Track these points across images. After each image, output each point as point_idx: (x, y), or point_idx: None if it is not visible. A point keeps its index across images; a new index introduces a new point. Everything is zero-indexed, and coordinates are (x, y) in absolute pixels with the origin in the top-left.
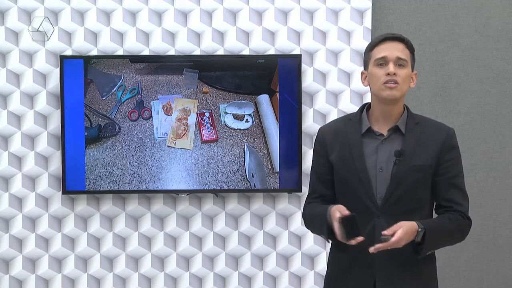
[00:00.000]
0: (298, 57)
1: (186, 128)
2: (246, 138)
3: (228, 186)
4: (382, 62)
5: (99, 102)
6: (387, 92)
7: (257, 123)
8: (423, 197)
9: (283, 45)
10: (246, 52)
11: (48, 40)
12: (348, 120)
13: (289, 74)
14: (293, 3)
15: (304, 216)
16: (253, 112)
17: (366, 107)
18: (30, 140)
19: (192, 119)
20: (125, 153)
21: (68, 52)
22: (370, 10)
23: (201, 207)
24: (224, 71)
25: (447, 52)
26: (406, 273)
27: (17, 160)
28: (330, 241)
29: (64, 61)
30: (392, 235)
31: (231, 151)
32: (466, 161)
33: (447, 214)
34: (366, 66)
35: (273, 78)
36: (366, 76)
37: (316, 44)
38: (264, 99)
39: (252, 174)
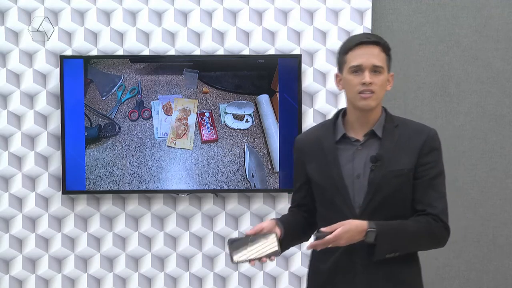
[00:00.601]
0: (298, 57)
1: (186, 128)
2: (246, 138)
3: (228, 186)
4: (357, 69)
5: (99, 102)
6: (363, 103)
7: (257, 123)
8: (403, 203)
9: (283, 45)
10: (246, 52)
11: (48, 40)
12: (323, 127)
13: (289, 74)
14: (293, 3)
15: None
16: (253, 112)
17: (342, 113)
18: (30, 140)
19: (192, 119)
20: (125, 153)
21: (68, 52)
22: (370, 10)
23: (201, 207)
24: (224, 71)
25: (447, 52)
26: (390, 281)
27: (17, 160)
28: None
29: (64, 61)
30: (331, 233)
31: (231, 151)
32: (466, 161)
33: (415, 217)
34: (340, 69)
35: (273, 78)
36: (340, 80)
37: (316, 44)
38: (264, 99)
39: (252, 174)
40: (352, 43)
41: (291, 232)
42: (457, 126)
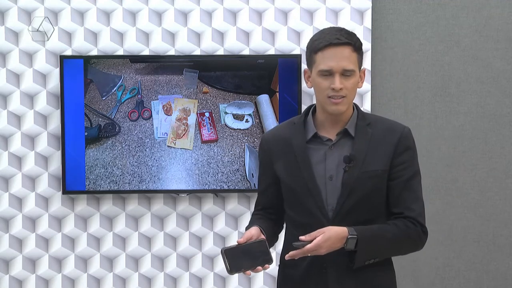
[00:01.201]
0: (298, 57)
1: (186, 128)
2: (246, 138)
3: (228, 186)
4: (327, 74)
5: (99, 102)
6: (332, 108)
7: (257, 123)
8: (378, 205)
9: (283, 45)
10: (246, 52)
11: (48, 40)
12: (292, 125)
13: (289, 74)
14: (293, 3)
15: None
16: (253, 112)
17: (312, 110)
18: (30, 140)
19: (192, 119)
20: (125, 153)
21: (68, 52)
22: (370, 10)
23: (201, 207)
24: (224, 71)
25: (447, 52)
26: (363, 287)
27: (17, 160)
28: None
29: (64, 61)
30: (311, 242)
31: (231, 151)
32: (466, 161)
33: (393, 221)
34: (309, 66)
35: (273, 78)
36: (309, 77)
37: None
38: (264, 99)
39: (252, 174)
40: (322, 44)
41: (269, 238)
42: (457, 126)
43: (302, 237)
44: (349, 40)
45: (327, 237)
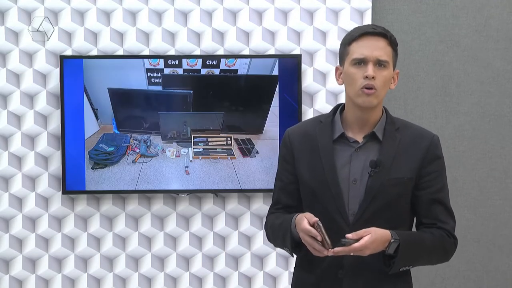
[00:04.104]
0: (298, 57)
1: None
2: None
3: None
4: (360, 62)
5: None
6: (363, 99)
7: None
8: (401, 213)
9: (283, 45)
10: (246, 52)
11: (48, 40)
12: (319, 123)
13: (289, 74)
14: (293, 3)
15: (265, 227)
16: None
17: (340, 109)
18: (30, 140)
19: None
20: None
21: (68, 52)
22: (370, 10)
23: (201, 207)
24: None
25: (447, 52)
26: None
27: (17, 160)
28: (295, 256)
29: (64, 61)
30: (357, 240)
31: None
32: (466, 161)
33: (430, 230)
34: (341, 62)
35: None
36: (341, 73)
37: (316, 44)
38: None
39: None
40: (356, 33)
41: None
42: (457, 126)
43: (348, 235)
44: (385, 32)
45: (374, 238)
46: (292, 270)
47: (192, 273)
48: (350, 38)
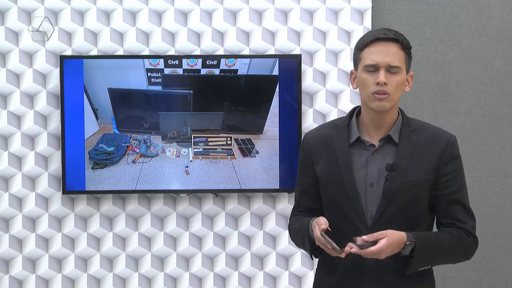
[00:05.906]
0: (298, 57)
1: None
2: None
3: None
4: (372, 69)
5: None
6: (376, 103)
7: None
8: (418, 215)
9: (283, 45)
10: (246, 52)
11: (48, 40)
12: (335, 127)
13: (289, 74)
14: (293, 3)
15: (288, 229)
16: None
17: (356, 112)
18: (30, 140)
19: None
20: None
21: (68, 52)
22: (370, 10)
23: (201, 207)
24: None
25: (447, 52)
26: None
27: (17, 160)
28: (314, 258)
29: (64, 61)
30: (374, 243)
31: None
32: (466, 161)
33: (449, 229)
34: (355, 66)
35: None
36: (355, 77)
37: (316, 44)
38: None
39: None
40: (368, 39)
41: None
42: (457, 126)
43: (364, 237)
44: (397, 37)
45: (390, 242)
46: (292, 270)
47: (192, 273)
48: (363, 44)
